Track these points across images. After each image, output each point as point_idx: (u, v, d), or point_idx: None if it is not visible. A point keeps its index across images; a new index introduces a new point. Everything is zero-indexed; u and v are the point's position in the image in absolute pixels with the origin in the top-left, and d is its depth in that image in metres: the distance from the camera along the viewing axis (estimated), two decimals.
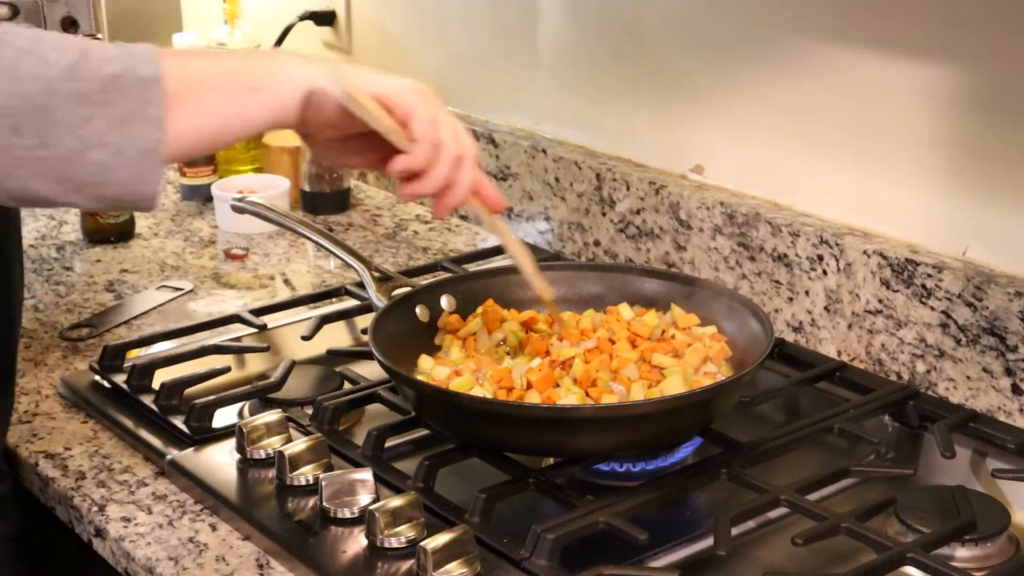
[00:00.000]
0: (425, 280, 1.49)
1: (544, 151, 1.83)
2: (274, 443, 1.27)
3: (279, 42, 2.24)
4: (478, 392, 1.23)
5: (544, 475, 1.20)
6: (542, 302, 1.31)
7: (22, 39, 0.93)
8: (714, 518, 1.13)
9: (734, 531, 1.13)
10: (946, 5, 1.38)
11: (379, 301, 1.44)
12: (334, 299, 1.69)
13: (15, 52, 0.92)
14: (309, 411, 1.35)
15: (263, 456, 1.27)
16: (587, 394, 1.23)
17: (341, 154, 1.12)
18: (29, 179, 0.94)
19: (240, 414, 1.38)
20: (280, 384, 1.39)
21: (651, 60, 1.72)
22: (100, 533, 1.22)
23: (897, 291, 1.42)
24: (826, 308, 1.50)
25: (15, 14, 1.97)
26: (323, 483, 1.17)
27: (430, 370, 1.31)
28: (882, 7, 1.44)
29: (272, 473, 1.24)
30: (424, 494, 1.17)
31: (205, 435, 1.32)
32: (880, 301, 1.44)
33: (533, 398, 1.23)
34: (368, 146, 1.10)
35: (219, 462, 1.28)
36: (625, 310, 1.39)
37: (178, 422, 1.34)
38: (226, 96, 1.01)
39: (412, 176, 1.09)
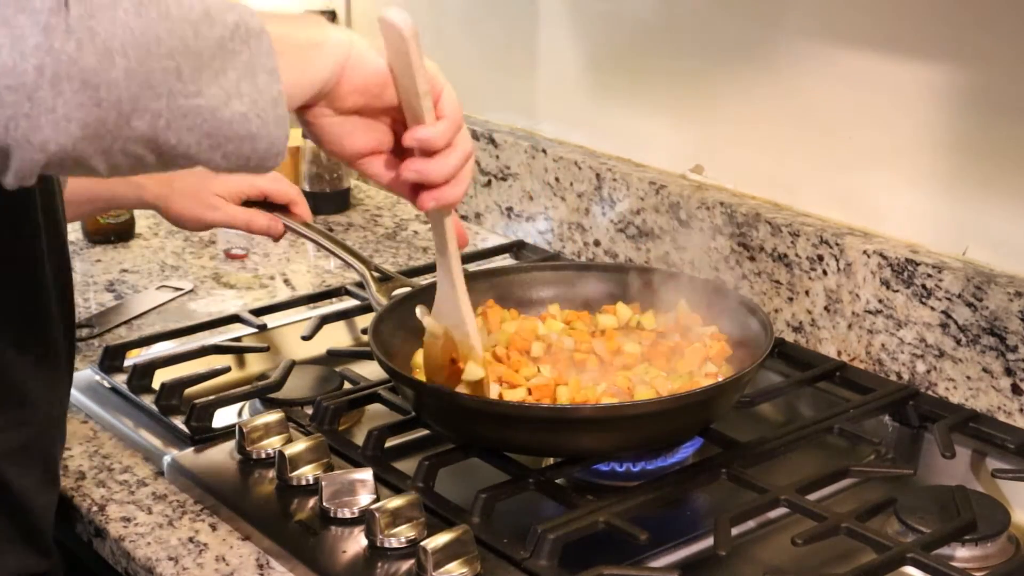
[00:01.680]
0: (425, 280, 1.49)
1: (544, 151, 1.83)
2: (274, 443, 1.27)
3: None
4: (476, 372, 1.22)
5: (544, 475, 1.20)
6: (468, 361, 1.19)
7: None
8: (714, 518, 1.13)
9: (734, 531, 1.13)
10: (946, 5, 1.38)
11: (379, 301, 1.44)
12: (334, 299, 1.69)
13: None
14: (309, 411, 1.35)
15: (263, 456, 1.27)
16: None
17: (346, 134, 1.04)
18: (184, 132, 0.87)
19: (240, 414, 1.38)
20: (280, 384, 1.39)
21: (651, 60, 1.72)
22: (100, 533, 1.22)
23: (897, 291, 1.42)
24: (826, 308, 1.50)
25: None
26: (323, 483, 1.17)
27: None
28: (882, 7, 1.44)
29: (272, 473, 1.24)
30: (424, 494, 1.17)
31: (205, 435, 1.32)
32: (880, 301, 1.44)
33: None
34: (374, 131, 1.05)
35: (219, 462, 1.28)
36: (623, 310, 1.39)
37: (178, 422, 1.34)
38: (299, 51, 0.96)
39: (423, 156, 1.05)
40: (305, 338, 1.54)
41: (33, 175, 0.83)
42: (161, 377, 1.41)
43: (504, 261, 1.82)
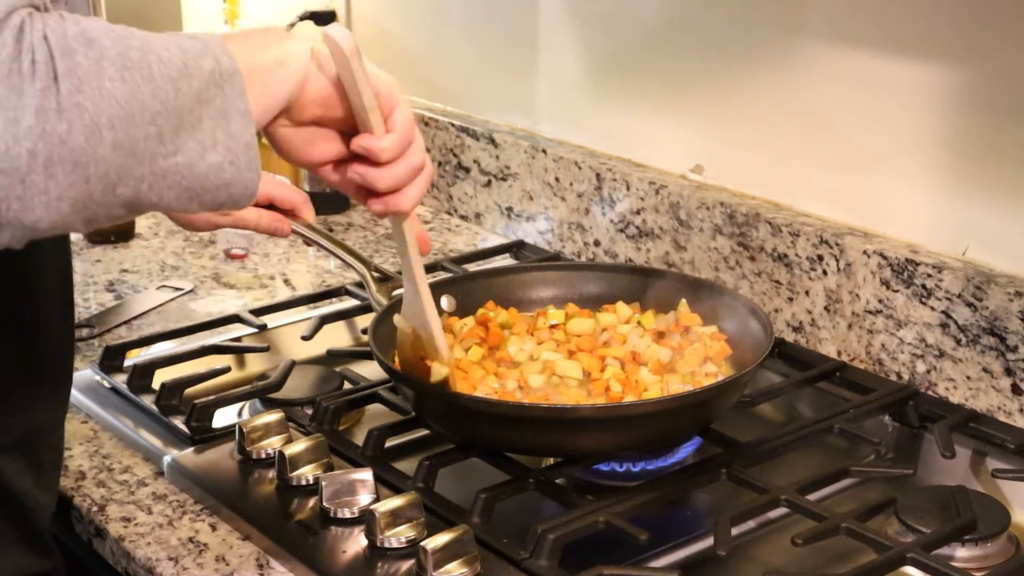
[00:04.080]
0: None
1: (544, 151, 1.83)
2: (274, 443, 1.27)
3: None
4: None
5: (544, 475, 1.20)
6: (434, 361, 1.20)
7: (133, 37, 0.88)
8: (714, 518, 1.13)
9: (734, 531, 1.13)
10: (947, 5, 1.38)
11: (379, 301, 1.44)
12: (334, 299, 1.69)
13: (140, 53, 0.87)
14: (309, 411, 1.35)
15: (263, 456, 1.27)
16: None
17: (306, 144, 1.06)
18: (164, 190, 0.89)
19: (240, 414, 1.38)
20: (280, 384, 1.39)
21: (651, 60, 1.72)
22: (100, 533, 1.22)
23: (897, 291, 1.42)
24: (826, 308, 1.50)
25: None
26: (323, 483, 1.17)
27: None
28: (882, 7, 1.44)
29: (272, 473, 1.24)
30: (424, 494, 1.17)
31: (205, 435, 1.32)
32: (880, 301, 1.44)
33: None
34: (333, 141, 1.06)
35: (219, 462, 1.28)
36: (623, 309, 1.39)
37: (178, 422, 1.34)
38: (266, 74, 0.97)
39: (370, 163, 1.05)
40: (305, 338, 1.54)
41: (22, 244, 0.85)
42: (161, 377, 1.41)
43: (504, 261, 1.82)
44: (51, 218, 0.83)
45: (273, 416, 1.29)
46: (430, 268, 1.75)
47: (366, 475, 1.18)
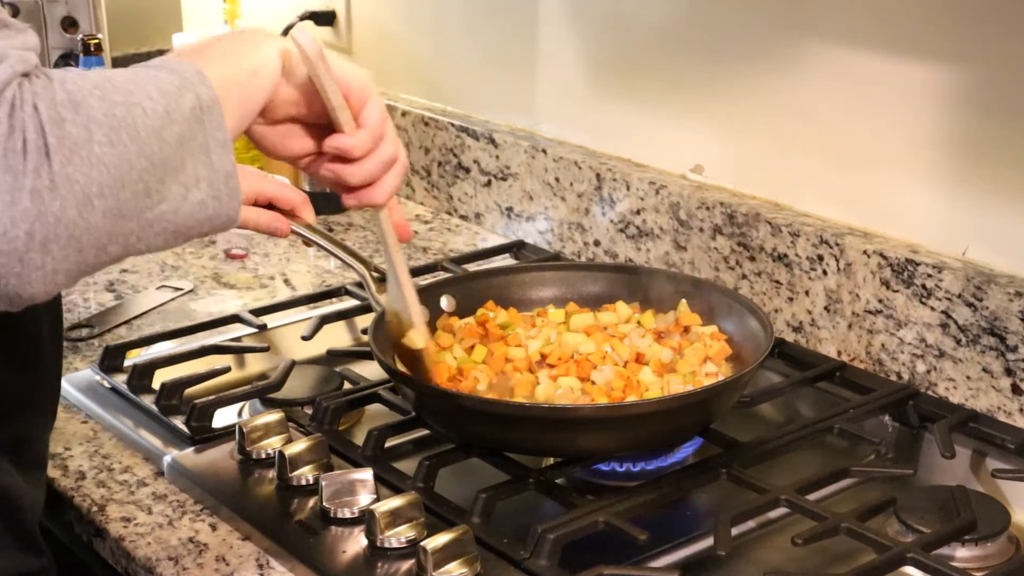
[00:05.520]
0: (425, 280, 1.49)
1: (544, 151, 1.83)
2: (274, 443, 1.27)
3: None
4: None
5: (544, 475, 1.20)
6: (411, 347, 1.22)
7: (116, 91, 0.89)
8: (714, 518, 1.13)
9: (734, 531, 1.13)
10: (946, 5, 1.38)
11: (379, 301, 1.44)
12: (334, 299, 1.69)
13: (125, 108, 0.88)
14: (309, 411, 1.35)
15: (263, 456, 1.27)
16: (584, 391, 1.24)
17: (282, 139, 1.09)
18: (151, 238, 0.90)
19: (240, 414, 1.38)
20: (280, 384, 1.39)
21: (651, 60, 1.72)
22: (100, 533, 1.22)
23: (897, 291, 1.42)
24: (826, 308, 1.50)
25: (15, 14, 1.97)
26: (323, 483, 1.18)
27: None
28: (882, 7, 1.44)
29: (272, 473, 1.24)
30: (424, 494, 1.17)
31: (205, 435, 1.32)
32: (880, 301, 1.44)
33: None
34: (308, 135, 1.09)
35: (219, 462, 1.28)
36: (623, 309, 1.39)
37: (178, 422, 1.34)
38: (241, 88, 0.99)
39: (343, 159, 1.07)
40: (305, 338, 1.54)
41: (19, 309, 0.88)
42: (161, 377, 1.41)
43: (504, 261, 1.82)
44: (47, 289, 0.86)
45: (273, 416, 1.29)
46: (430, 268, 1.75)
47: (366, 475, 1.18)
